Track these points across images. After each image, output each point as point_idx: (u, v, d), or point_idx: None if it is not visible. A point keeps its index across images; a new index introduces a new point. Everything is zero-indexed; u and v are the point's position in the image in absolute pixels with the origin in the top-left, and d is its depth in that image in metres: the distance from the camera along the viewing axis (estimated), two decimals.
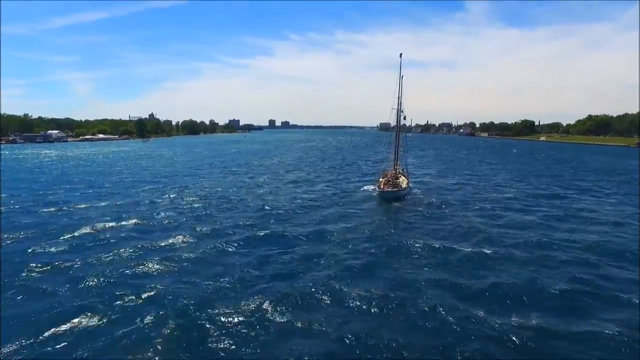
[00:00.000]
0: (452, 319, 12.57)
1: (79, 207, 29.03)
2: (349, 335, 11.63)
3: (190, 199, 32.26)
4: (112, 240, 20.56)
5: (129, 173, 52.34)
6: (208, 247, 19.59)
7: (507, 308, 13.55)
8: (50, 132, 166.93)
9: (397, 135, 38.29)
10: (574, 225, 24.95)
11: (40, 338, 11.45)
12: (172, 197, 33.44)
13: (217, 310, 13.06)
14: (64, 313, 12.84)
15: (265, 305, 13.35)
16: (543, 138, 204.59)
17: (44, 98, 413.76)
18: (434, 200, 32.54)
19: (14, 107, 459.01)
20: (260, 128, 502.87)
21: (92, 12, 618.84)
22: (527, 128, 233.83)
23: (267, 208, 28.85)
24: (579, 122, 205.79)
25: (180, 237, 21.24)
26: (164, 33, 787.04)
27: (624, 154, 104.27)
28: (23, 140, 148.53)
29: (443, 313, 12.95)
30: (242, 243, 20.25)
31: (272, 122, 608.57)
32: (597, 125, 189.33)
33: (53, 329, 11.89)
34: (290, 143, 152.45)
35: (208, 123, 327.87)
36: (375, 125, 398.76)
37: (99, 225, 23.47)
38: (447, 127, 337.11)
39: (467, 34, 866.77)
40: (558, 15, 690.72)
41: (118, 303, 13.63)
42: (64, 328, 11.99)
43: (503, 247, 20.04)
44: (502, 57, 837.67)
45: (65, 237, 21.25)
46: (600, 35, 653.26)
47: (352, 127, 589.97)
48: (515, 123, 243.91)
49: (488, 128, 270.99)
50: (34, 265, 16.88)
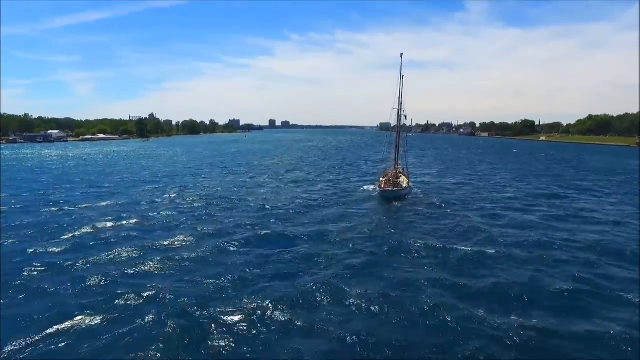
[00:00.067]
0: (452, 319, 12.56)
1: (80, 206, 29.05)
2: (350, 335, 11.62)
3: (191, 199, 32.29)
4: (112, 240, 20.58)
5: (130, 173, 52.35)
6: (209, 246, 19.60)
7: (507, 307, 13.54)
8: (51, 132, 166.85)
9: (397, 135, 38.39)
10: (574, 225, 24.95)
11: (41, 338, 11.43)
12: (172, 196, 33.46)
13: (217, 310, 13.06)
14: (65, 313, 12.83)
15: (266, 305, 13.35)
16: (543, 138, 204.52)
17: (45, 98, 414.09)
18: (435, 200, 32.58)
19: (15, 107, 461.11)
20: (261, 128, 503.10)
21: (92, 12, 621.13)
22: (527, 128, 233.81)
23: (267, 208, 28.88)
24: (580, 122, 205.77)
25: (181, 236, 21.26)
26: (164, 33, 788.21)
27: (624, 154, 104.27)
28: (23, 140, 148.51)
29: (444, 312, 12.95)
30: (242, 242, 20.26)
31: (272, 122, 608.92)
32: (597, 125, 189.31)
33: (53, 329, 11.88)
34: (291, 143, 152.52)
35: (208, 123, 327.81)
36: (376, 125, 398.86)
37: (100, 225, 23.51)
38: (447, 127, 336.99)
39: (467, 34, 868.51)
40: (558, 16, 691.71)
41: (119, 302, 13.63)
42: (65, 328, 11.98)
43: (503, 246, 20.03)
44: (502, 57, 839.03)
45: (66, 236, 21.28)
46: (600, 36, 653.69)
47: (352, 127, 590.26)
48: (516, 123, 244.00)
49: (488, 128, 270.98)
50: (34, 265, 16.89)
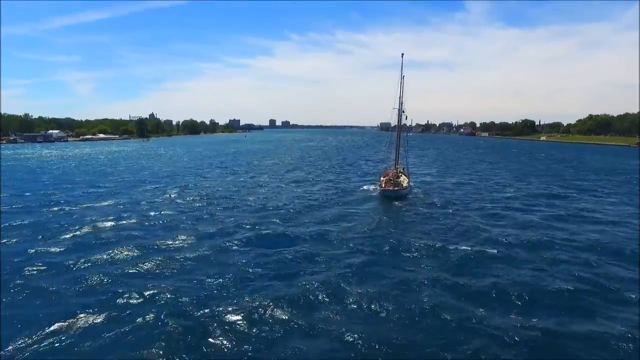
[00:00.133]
0: (453, 318, 12.56)
1: (80, 206, 29.05)
2: (350, 334, 11.62)
3: (191, 199, 32.30)
4: (113, 240, 20.58)
5: (130, 173, 52.36)
6: (209, 246, 19.61)
7: (507, 307, 13.54)
8: (51, 131, 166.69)
9: (397, 135, 38.45)
10: (575, 225, 24.94)
11: (41, 338, 11.43)
12: (173, 196, 33.47)
13: (218, 309, 13.06)
14: (65, 312, 12.83)
15: (267, 304, 13.35)
16: (544, 138, 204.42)
17: (45, 98, 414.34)
18: (435, 200, 32.61)
19: (15, 107, 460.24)
20: (261, 128, 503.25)
21: (92, 12, 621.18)
22: (527, 128, 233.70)
23: (268, 207, 28.88)
24: (580, 121, 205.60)
25: (181, 236, 21.26)
26: (164, 33, 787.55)
27: (625, 154, 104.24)
28: (24, 140, 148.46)
29: (444, 312, 12.95)
30: (243, 242, 20.26)
31: (272, 122, 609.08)
32: (597, 125, 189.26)
33: (53, 329, 11.87)
34: (291, 143, 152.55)
35: (208, 123, 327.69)
36: (376, 125, 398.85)
37: (100, 225, 23.52)
38: (447, 126, 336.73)
39: (467, 34, 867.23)
40: (558, 16, 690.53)
41: (119, 302, 13.63)
42: (65, 328, 11.97)
43: (504, 246, 20.04)
44: (502, 57, 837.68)
45: (66, 236, 21.28)
46: (600, 36, 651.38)
47: (352, 127, 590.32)
48: (516, 123, 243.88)
49: (488, 128, 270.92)
50: (35, 265, 16.88)
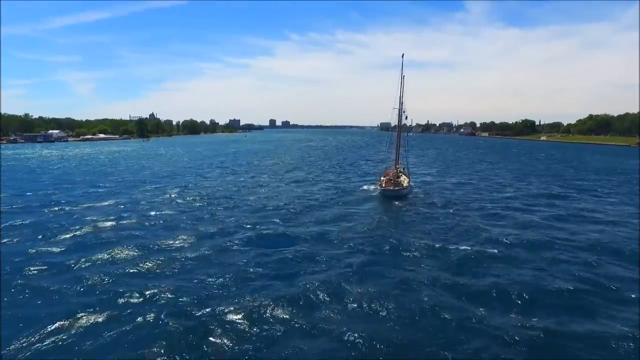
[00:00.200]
0: (453, 318, 12.56)
1: (81, 206, 29.05)
2: (350, 334, 11.62)
3: (191, 199, 32.30)
4: (113, 240, 20.59)
5: (130, 173, 52.38)
6: (209, 245, 19.62)
7: (508, 307, 13.55)
8: (51, 131, 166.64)
9: (398, 135, 38.52)
10: (575, 225, 24.93)
11: (42, 337, 11.44)
12: (173, 196, 33.47)
13: (219, 309, 13.06)
14: (65, 312, 12.83)
15: (267, 304, 13.36)
16: (544, 138, 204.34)
17: (45, 98, 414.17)
18: (435, 200, 32.62)
19: (15, 107, 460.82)
20: (261, 128, 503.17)
21: (92, 12, 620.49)
22: (527, 128, 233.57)
23: (268, 207, 28.89)
24: (580, 121, 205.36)
25: (182, 236, 21.26)
26: (164, 33, 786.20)
27: (625, 154, 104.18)
28: (24, 140, 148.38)
29: (444, 312, 12.95)
30: (243, 242, 20.27)
31: (272, 122, 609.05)
32: (597, 125, 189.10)
33: (54, 329, 11.88)
34: (291, 143, 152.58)
35: (209, 123, 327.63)
36: (376, 125, 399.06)
37: (101, 225, 23.53)
38: (447, 126, 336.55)
39: (467, 34, 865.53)
40: (558, 16, 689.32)
41: (120, 302, 13.64)
42: (65, 327, 11.98)
43: (504, 246, 20.04)
44: (502, 57, 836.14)
45: (67, 236, 21.29)
46: (600, 36, 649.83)
47: (352, 126, 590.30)
48: (516, 123, 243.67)
49: (488, 128, 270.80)
50: (35, 265, 16.88)
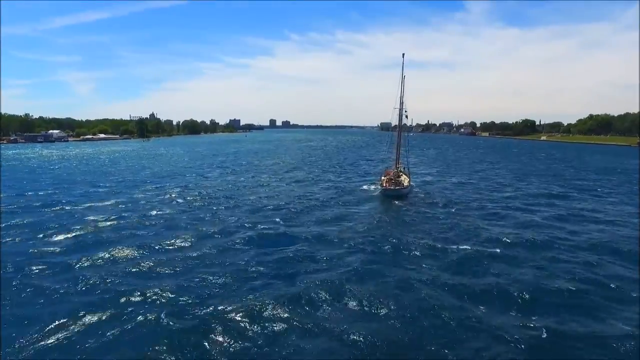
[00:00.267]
0: (453, 318, 12.56)
1: (81, 206, 29.07)
2: (350, 334, 11.63)
3: (192, 198, 32.32)
4: (114, 239, 20.60)
5: (130, 172, 52.40)
6: (210, 245, 19.62)
7: (508, 306, 13.55)
8: (51, 131, 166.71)
9: (398, 135, 38.58)
10: (575, 225, 24.94)
11: (42, 337, 11.45)
12: (173, 196, 33.48)
13: (219, 308, 13.06)
14: (66, 312, 12.84)
15: (267, 303, 13.35)
16: (544, 137, 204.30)
17: (45, 98, 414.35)
18: (436, 199, 32.63)
19: (15, 107, 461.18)
20: (261, 128, 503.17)
21: (92, 12, 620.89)
22: (528, 128, 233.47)
23: (268, 207, 28.89)
24: (580, 121, 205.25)
25: (182, 235, 21.27)
26: (164, 33, 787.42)
27: (625, 154, 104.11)
28: (24, 140, 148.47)
29: (445, 312, 12.94)
30: (244, 242, 20.28)
31: (272, 121, 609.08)
32: (598, 125, 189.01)
33: (55, 328, 11.89)
34: (291, 143, 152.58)
35: (209, 123, 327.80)
36: (376, 125, 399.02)
37: (101, 224, 23.55)
38: (447, 126, 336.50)
39: (467, 34, 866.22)
40: (558, 16, 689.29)
41: (120, 301, 13.64)
42: (66, 327, 11.99)
43: (504, 245, 20.05)
44: (502, 57, 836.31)
45: (67, 236, 21.30)
46: (600, 36, 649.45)
47: (352, 126, 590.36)
48: (516, 123, 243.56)
49: (489, 128, 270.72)
50: (36, 265, 16.89)
